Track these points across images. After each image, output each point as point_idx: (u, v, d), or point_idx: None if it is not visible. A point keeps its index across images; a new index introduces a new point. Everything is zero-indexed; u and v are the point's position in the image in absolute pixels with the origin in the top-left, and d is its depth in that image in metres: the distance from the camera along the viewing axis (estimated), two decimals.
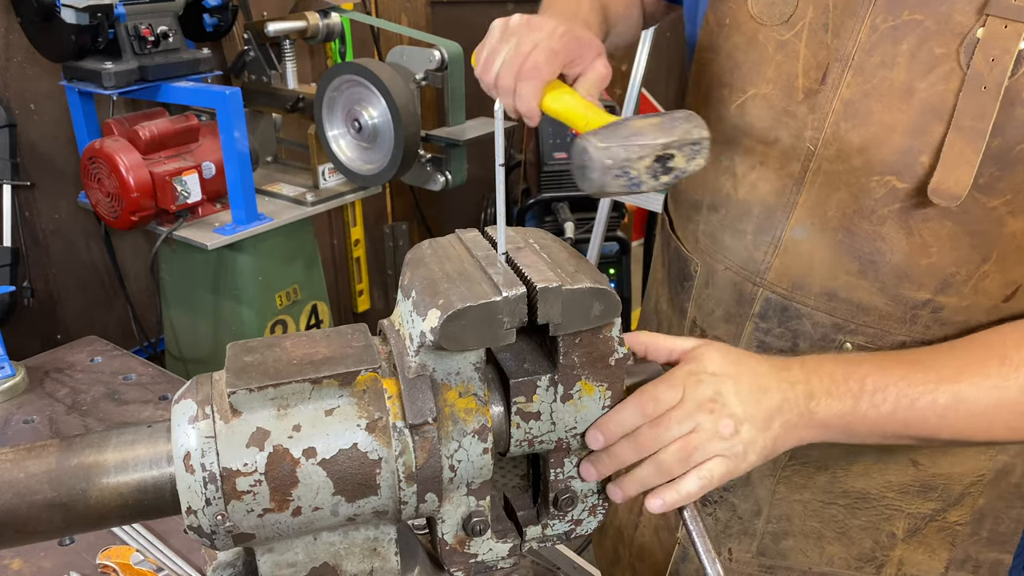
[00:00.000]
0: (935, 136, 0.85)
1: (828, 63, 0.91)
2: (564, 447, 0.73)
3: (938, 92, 0.85)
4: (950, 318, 0.93)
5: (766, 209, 0.99)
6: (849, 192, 0.92)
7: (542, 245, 0.72)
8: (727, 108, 1.00)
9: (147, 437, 0.66)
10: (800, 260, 0.98)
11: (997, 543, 1.07)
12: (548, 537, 0.77)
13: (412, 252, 0.74)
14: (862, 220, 0.92)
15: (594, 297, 0.65)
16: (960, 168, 0.84)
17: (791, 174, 0.96)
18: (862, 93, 0.90)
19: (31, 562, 1.13)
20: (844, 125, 0.91)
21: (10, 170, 2.36)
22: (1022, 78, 0.81)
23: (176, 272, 2.61)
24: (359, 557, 0.70)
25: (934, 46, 0.85)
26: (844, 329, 0.96)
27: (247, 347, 0.68)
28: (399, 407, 0.65)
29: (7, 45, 2.38)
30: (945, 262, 0.90)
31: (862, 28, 0.89)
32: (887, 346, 0.95)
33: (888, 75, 0.88)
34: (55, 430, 1.43)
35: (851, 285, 0.95)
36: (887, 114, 0.88)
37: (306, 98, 2.57)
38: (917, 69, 0.86)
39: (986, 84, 0.82)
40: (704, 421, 0.76)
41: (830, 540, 1.07)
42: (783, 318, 1.00)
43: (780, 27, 0.95)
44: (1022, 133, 0.83)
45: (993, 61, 0.82)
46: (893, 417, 0.82)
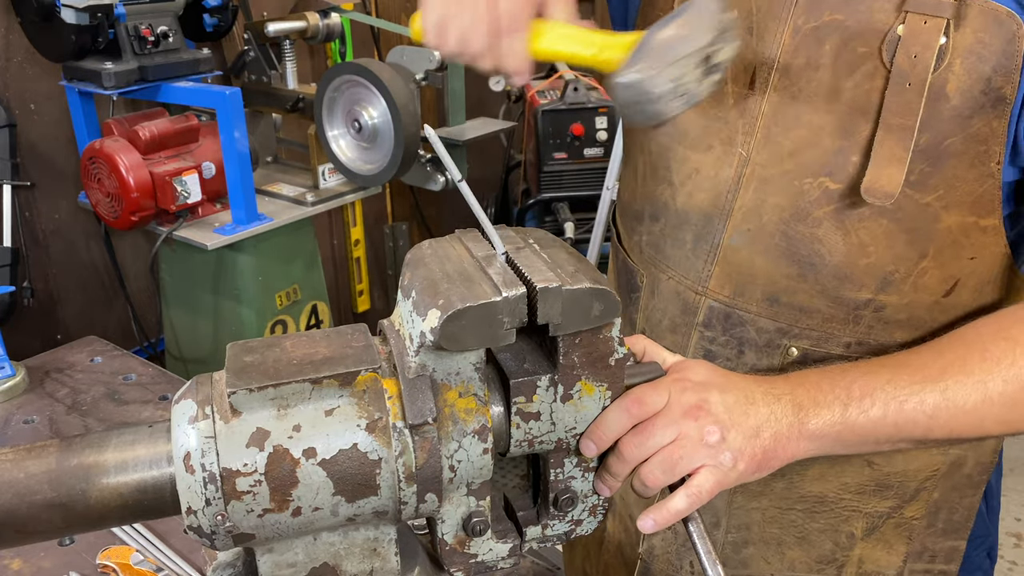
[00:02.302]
0: (864, 135, 0.85)
1: (755, 67, 0.91)
2: (564, 447, 0.73)
3: (864, 91, 0.85)
4: (892, 316, 0.93)
5: (704, 217, 0.99)
6: (784, 196, 0.92)
7: (542, 245, 0.72)
8: None
9: (147, 437, 0.66)
10: (740, 267, 0.97)
11: (952, 532, 1.07)
12: (548, 537, 0.77)
13: (412, 252, 0.74)
14: (798, 223, 0.92)
15: (594, 297, 0.65)
16: (891, 166, 0.84)
17: (725, 181, 0.96)
18: (789, 96, 0.90)
19: (31, 562, 1.13)
20: (774, 129, 0.91)
21: (10, 170, 2.36)
22: (944, 72, 0.81)
23: (176, 272, 2.61)
24: (359, 557, 0.70)
25: (857, 45, 0.85)
26: (788, 333, 0.96)
27: (247, 347, 0.68)
28: (399, 407, 0.65)
29: (7, 45, 2.38)
30: (883, 261, 0.90)
31: (785, 30, 0.89)
32: (831, 348, 0.95)
33: (814, 76, 0.88)
34: (55, 430, 1.43)
35: (792, 289, 0.95)
36: (815, 115, 0.88)
37: (306, 98, 2.57)
38: (841, 69, 0.86)
39: (910, 81, 0.82)
40: (689, 428, 0.75)
41: (790, 545, 1.07)
42: (727, 325, 1.00)
43: None
44: (949, 128, 0.83)
45: (916, 58, 0.82)
46: (883, 421, 0.81)
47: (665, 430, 0.75)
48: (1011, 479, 3.14)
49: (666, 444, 0.75)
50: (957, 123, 0.83)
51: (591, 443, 0.73)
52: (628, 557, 1.19)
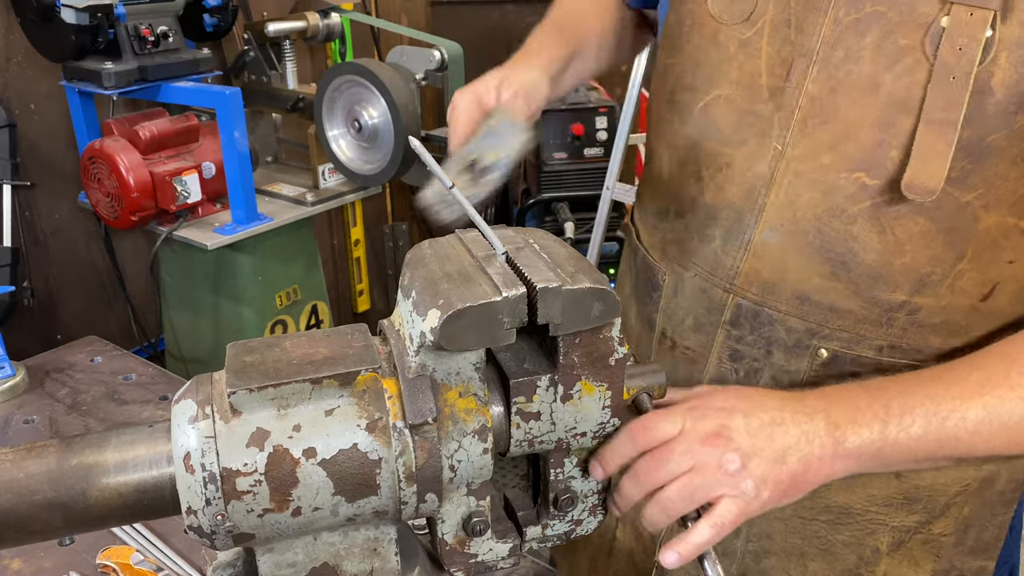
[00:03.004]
0: (904, 130, 0.83)
1: (792, 59, 0.89)
2: (564, 447, 0.73)
3: (904, 84, 0.83)
4: (927, 320, 0.90)
5: (734, 212, 0.96)
6: (819, 191, 0.90)
7: (542, 245, 0.72)
8: (691, 111, 0.98)
9: (147, 437, 0.66)
10: (771, 264, 0.95)
11: (981, 551, 1.04)
12: (548, 537, 0.77)
13: (412, 252, 0.74)
14: (833, 219, 0.90)
15: (594, 297, 0.65)
16: (933, 161, 0.81)
17: (759, 175, 0.93)
18: (828, 88, 0.87)
19: (31, 562, 1.13)
20: (811, 122, 0.89)
21: (10, 170, 2.36)
22: (990, 66, 0.79)
23: (176, 272, 2.61)
24: (359, 557, 0.70)
25: (898, 37, 0.83)
26: (818, 334, 0.93)
27: (247, 347, 0.68)
28: (399, 407, 0.65)
29: (7, 45, 2.38)
30: (920, 261, 0.88)
31: (825, 22, 0.87)
32: (863, 351, 0.92)
33: (853, 69, 0.86)
34: (55, 430, 1.43)
35: (824, 288, 0.92)
36: (854, 109, 0.86)
37: (306, 98, 2.57)
38: (882, 62, 0.84)
39: (954, 74, 0.80)
40: (707, 456, 0.74)
41: (812, 557, 1.04)
42: (755, 324, 0.97)
43: (741, 25, 0.92)
44: (993, 123, 0.80)
45: (960, 50, 0.79)
46: (924, 439, 0.78)
47: (682, 457, 0.73)
48: None
49: (683, 472, 0.73)
50: (1001, 119, 0.80)
51: (598, 465, 0.73)
52: (641, 566, 1.16)
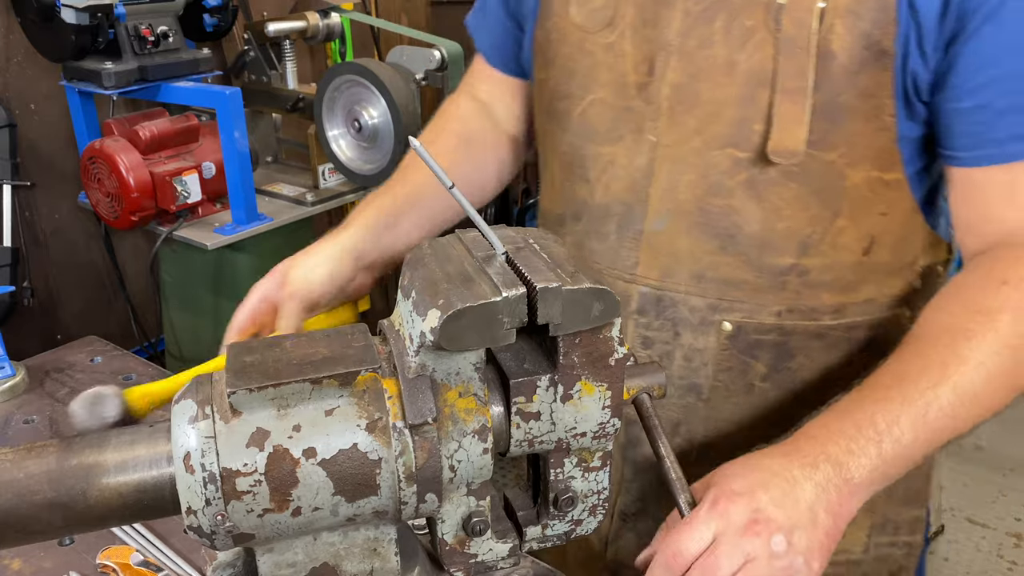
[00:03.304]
0: (763, 103, 0.89)
1: (653, 54, 0.95)
2: (564, 447, 0.73)
3: (757, 60, 0.89)
4: (818, 279, 0.96)
5: (623, 207, 1.02)
6: (696, 173, 0.95)
7: (542, 245, 0.72)
8: (570, 118, 1.03)
9: (147, 437, 0.66)
10: (664, 249, 1.00)
11: (912, 501, 1.09)
12: (548, 537, 0.77)
13: (412, 252, 0.74)
14: (713, 197, 0.95)
15: (594, 297, 0.65)
16: (792, 126, 0.88)
17: (639, 168, 0.99)
18: (688, 76, 0.93)
19: (31, 562, 1.12)
20: (678, 109, 0.94)
21: (10, 170, 2.36)
22: (828, 33, 0.86)
23: (176, 272, 2.61)
24: (359, 557, 0.70)
25: (744, 19, 0.89)
26: (719, 308, 0.99)
27: (247, 347, 0.68)
28: (399, 407, 0.65)
29: (7, 45, 2.38)
30: (800, 223, 0.94)
31: (677, 15, 0.93)
32: (764, 318, 0.98)
33: (709, 54, 0.92)
34: (55, 430, 1.42)
35: (716, 263, 0.97)
36: (716, 91, 0.92)
37: (306, 98, 2.57)
38: (734, 43, 0.90)
39: (798, 45, 0.87)
40: (755, 547, 0.73)
41: None
42: (659, 309, 1.01)
43: (604, 31, 0.98)
44: (840, 85, 0.87)
45: (799, 21, 0.86)
46: (916, 442, 0.80)
47: (731, 559, 0.72)
48: (1011, 479, 3.14)
49: (737, 570, 0.73)
50: (847, 79, 0.87)
51: None
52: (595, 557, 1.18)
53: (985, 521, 2.95)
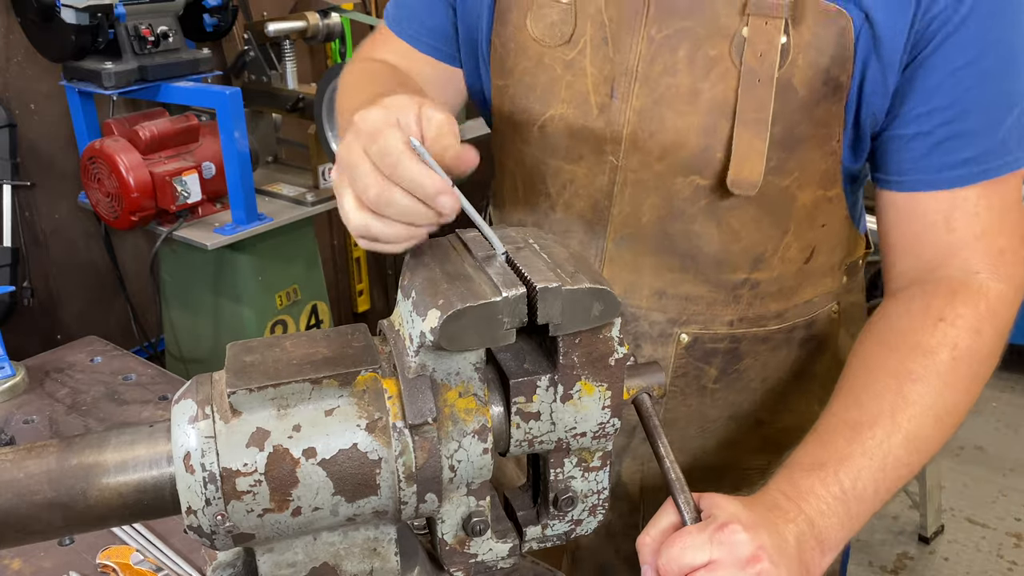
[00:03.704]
0: (725, 132, 0.91)
1: (614, 77, 0.95)
2: (564, 447, 0.73)
3: (720, 91, 0.90)
4: (766, 290, 1.02)
5: (585, 224, 1.03)
6: (659, 196, 0.97)
7: (542, 245, 0.72)
8: (530, 131, 1.03)
9: (147, 437, 0.66)
10: (626, 267, 1.02)
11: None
12: (548, 537, 0.77)
13: (412, 252, 0.74)
14: (675, 221, 0.97)
15: (594, 297, 0.65)
16: (751, 159, 0.90)
17: (600, 188, 1.00)
18: (652, 101, 0.93)
19: (31, 562, 1.12)
20: (641, 134, 0.95)
21: (10, 170, 2.36)
22: (790, 68, 0.88)
23: (176, 272, 2.61)
24: (359, 557, 0.70)
25: (708, 49, 0.90)
26: (677, 322, 1.02)
27: (247, 347, 0.68)
28: (399, 407, 0.65)
29: (7, 45, 2.38)
30: (754, 242, 0.98)
31: (640, 41, 0.93)
32: (717, 328, 1.03)
33: (673, 81, 0.92)
34: (55, 430, 1.42)
35: (677, 281, 1.01)
36: (679, 119, 0.93)
37: (306, 98, 2.57)
38: (697, 72, 0.91)
39: (759, 77, 0.88)
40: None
41: None
42: (622, 323, 1.00)
43: (563, 47, 0.97)
44: (798, 117, 0.90)
45: (761, 56, 0.88)
46: (877, 492, 0.83)
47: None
48: (1011, 479, 3.14)
49: None
50: (804, 112, 0.90)
51: None
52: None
53: (985, 521, 2.95)
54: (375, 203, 0.69)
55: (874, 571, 2.78)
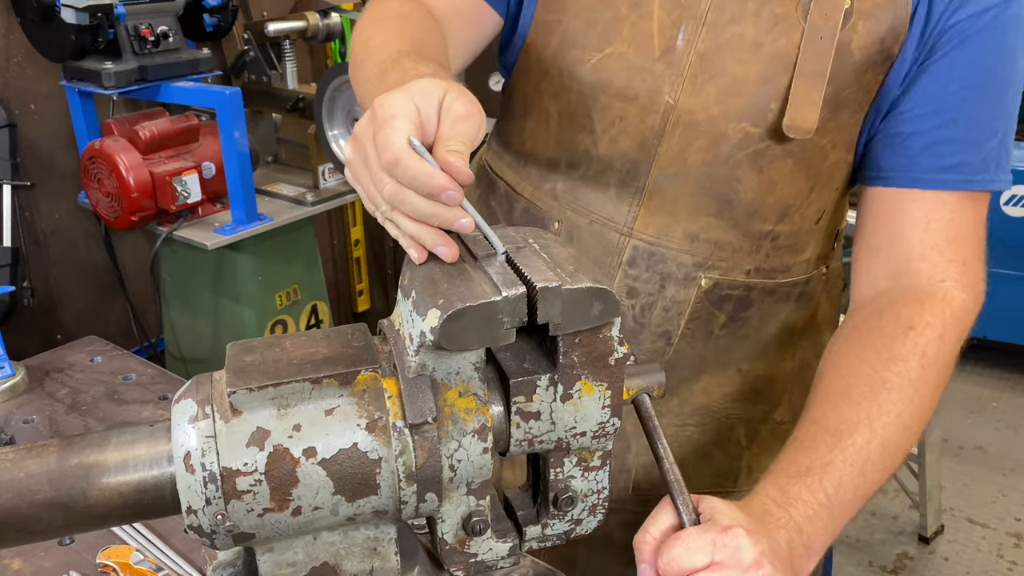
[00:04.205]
0: (782, 84, 0.96)
1: (683, 21, 0.99)
2: (564, 447, 0.73)
3: (782, 45, 0.96)
4: (784, 243, 1.08)
5: (628, 163, 1.05)
6: (707, 140, 1.01)
7: (542, 245, 0.72)
8: (582, 67, 1.04)
9: (147, 437, 0.66)
10: (664, 208, 1.05)
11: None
12: (548, 537, 0.77)
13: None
14: (720, 166, 1.01)
15: (593, 297, 0.65)
16: (807, 107, 0.95)
17: (651, 127, 1.02)
18: (715, 48, 0.98)
19: (31, 562, 1.13)
20: (700, 78, 0.99)
21: (10, 170, 2.36)
22: (850, 32, 0.94)
23: (176, 272, 2.61)
24: (359, 557, 0.70)
25: (775, 6, 0.96)
26: (703, 266, 1.06)
27: (247, 347, 0.68)
28: (399, 407, 0.65)
29: (7, 45, 2.38)
30: (786, 195, 1.04)
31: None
32: (736, 276, 1.07)
33: (738, 30, 0.97)
34: (55, 430, 1.43)
35: (710, 225, 1.05)
36: (739, 67, 0.97)
37: (306, 98, 2.57)
38: (763, 25, 0.96)
39: (822, 35, 0.94)
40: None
41: (692, 463, 1.17)
42: (650, 263, 1.07)
43: None
44: (849, 79, 0.96)
45: (826, 16, 0.94)
46: (856, 499, 0.87)
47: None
48: (1011, 479, 3.14)
49: None
50: (855, 76, 0.96)
51: None
52: None
53: (985, 521, 2.95)
54: (391, 200, 0.70)
55: (874, 571, 2.78)
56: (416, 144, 0.69)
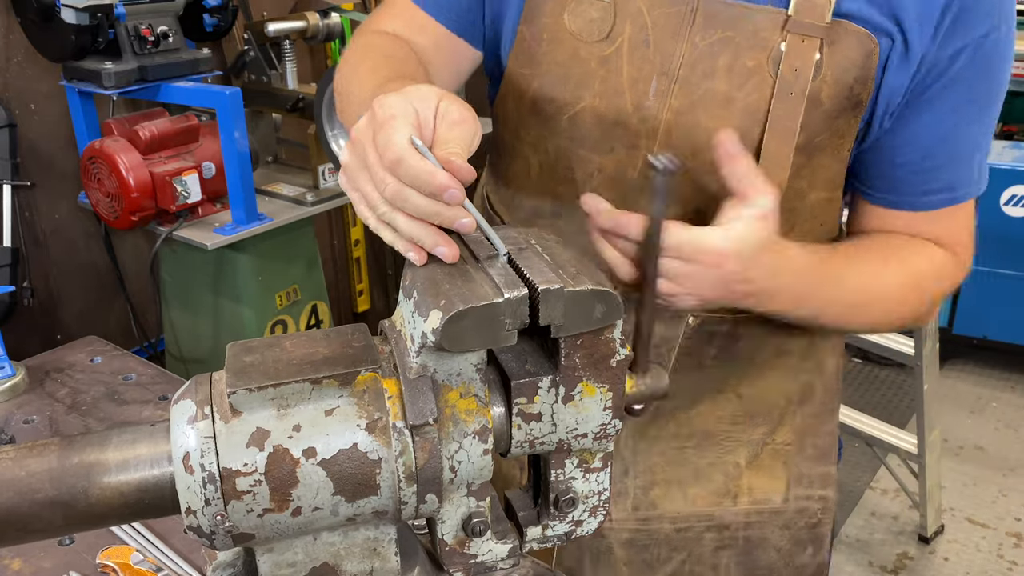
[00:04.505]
0: (755, 136, 0.97)
1: (653, 76, 0.99)
2: (565, 448, 0.73)
3: (754, 100, 0.97)
4: None
5: None
6: (687, 190, 1.01)
7: (544, 246, 0.72)
8: (558, 121, 1.05)
9: (148, 436, 0.66)
10: None
11: (821, 458, 1.22)
12: (548, 538, 0.77)
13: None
14: (699, 215, 1.00)
15: (596, 299, 0.65)
16: (777, 164, 0.97)
17: (630, 180, 1.03)
18: (689, 104, 0.99)
19: (31, 562, 1.13)
20: (675, 133, 1.00)
21: (10, 170, 2.36)
22: (820, 83, 0.95)
23: (176, 272, 2.61)
24: (359, 557, 0.70)
25: (746, 60, 0.96)
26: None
27: (247, 347, 0.68)
28: (399, 407, 0.65)
29: (7, 45, 2.38)
30: None
31: (684, 46, 0.98)
32: (722, 311, 1.08)
33: (711, 86, 0.98)
34: (55, 430, 1.42)
35: None
36: (713, 121, 0.98)
37: (306, 98, 2.57)
38: (735, 81, 0.97)
39: (793, 90, 0.95)
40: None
41: (690, 483, 1.18)
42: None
43: (600, 43, 1.01)
44: (821, 127, 0.98)
45: (797, 70, 0.95)
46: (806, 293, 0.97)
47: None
48: (1011, 479, 3.14)
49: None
50: (826, 123, 0.97)
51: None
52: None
53: (985, 521, 2.95)
54: (393, 199, 0.71)
55: (874, 571, 2.78)
56: (418, 143, 0.69)
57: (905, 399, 3.61)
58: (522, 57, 1.07)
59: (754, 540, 1.20)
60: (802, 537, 1.22)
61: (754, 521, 1.20)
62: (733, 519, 1.19)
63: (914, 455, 2.71)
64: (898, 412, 3.52)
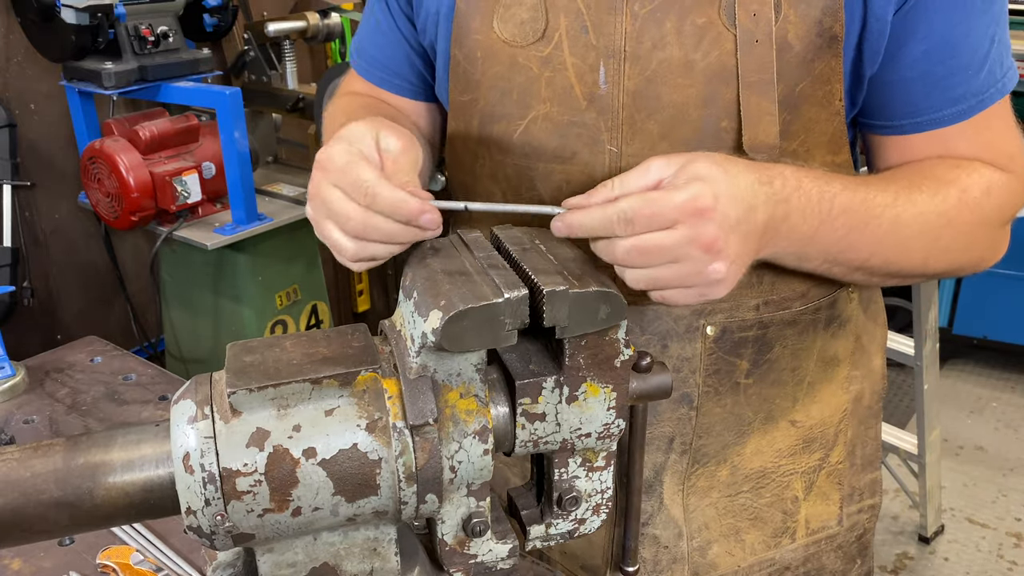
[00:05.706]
0: (728, 99, 0.88)
1: (600, 62, 0.91)
2: (569, 448, 0.73)
3: (715, 58, 0.87)
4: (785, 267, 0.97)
5: None
6: None
7: (548, 247, 0.72)
8: (510, 139, 0.97)
9: (153, 436, 0.66)
10: None
11: (868, 465, 1.15)
12: (551, 536, 0.77)
13: (414, 252, 0.74)
14: None
15: (600, 300, 0.65)
16: (763, 120, 0.88)
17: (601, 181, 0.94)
18: (644, 81, 0.90)
19: (31, 562, 1.12)
20: (638, 117, 0.91)
21: (10, 170, 2.36)
22: (783, 24, 0.86)
23: (176, 272, 2.61)
24: (359, 557, 0.70)
25: (695, 17, 0.87)
26: (703, 313, 0.97)
27: (247, 347, 0.68)
28: (399, 407, 0.65)
29: (7, 45, 2.38)
30: None
31: (624, 19, 0.89)
32: (744, 314, 0.98)
33: (664, 55, 0.89)
34: (55, 430, 1.42)
35: None
36: (676, 93, 0.89)
37: (306, 98, 2.57)
38: (688, 42, 0.88)
39: (757, 37, 0.86)
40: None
41: (747, 529, 1.08)
42: (644, 324, 0.98)
43: (537, 44, 0.93)
44: (798, 73, 0.88)
45: (755, 15, 0.86)
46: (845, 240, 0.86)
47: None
48: (1011, 479, 3.14)
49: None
50: (803, 68, 0.88)
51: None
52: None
53: (985, 521, 2.95)
54: (360, 232, 0.75)
55: (874, 571, 2.78)
56: None
57: (905, 399, 3.61)
58: (460, 83, 1.00)
59: (812, 573, 1.12)
60: (852, 553, 1.15)
61: (812, 553, 1.11)
62: (792, 557, 1.10)
63: (914, 455, 2.71)
64: (898, 412, 3.51)
